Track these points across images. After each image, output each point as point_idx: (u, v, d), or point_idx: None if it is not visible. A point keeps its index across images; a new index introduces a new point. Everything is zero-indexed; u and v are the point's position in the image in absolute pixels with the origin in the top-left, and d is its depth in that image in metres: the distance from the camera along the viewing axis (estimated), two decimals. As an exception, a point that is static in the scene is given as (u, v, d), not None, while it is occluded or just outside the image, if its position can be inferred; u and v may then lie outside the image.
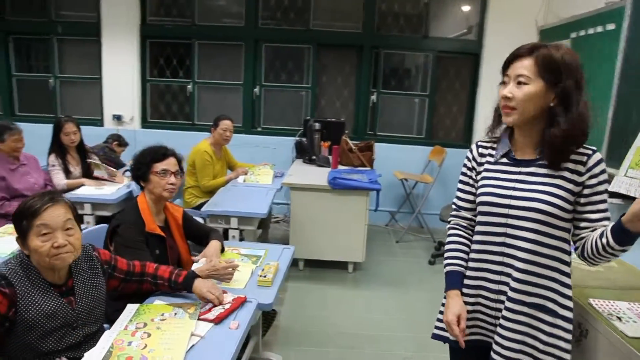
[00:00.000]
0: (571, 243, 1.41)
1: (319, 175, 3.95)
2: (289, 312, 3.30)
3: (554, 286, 1.38)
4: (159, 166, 2.23)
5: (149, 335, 1.58)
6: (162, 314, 1.72)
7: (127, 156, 4.22)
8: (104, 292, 1.78)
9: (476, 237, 1.49)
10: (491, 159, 1.49)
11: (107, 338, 1.57)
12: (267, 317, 2.77)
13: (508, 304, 1.40)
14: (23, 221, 1.54)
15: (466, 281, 1.51)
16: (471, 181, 1.54)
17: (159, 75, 5.57)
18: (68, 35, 5.47)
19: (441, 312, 1.57)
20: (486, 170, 1.49)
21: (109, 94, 5.42)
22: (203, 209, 3.32)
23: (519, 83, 1.34)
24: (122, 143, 4.49)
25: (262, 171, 4.24)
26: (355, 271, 4.02)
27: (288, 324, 3.15)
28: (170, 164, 2.27)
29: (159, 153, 2.27)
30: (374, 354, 2.85)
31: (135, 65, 5.34)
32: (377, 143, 4.88)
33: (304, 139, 4.86)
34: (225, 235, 3.34)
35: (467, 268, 1.52)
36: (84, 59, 5.61)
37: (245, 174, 4.18)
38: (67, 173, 3.75)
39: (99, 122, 5.44)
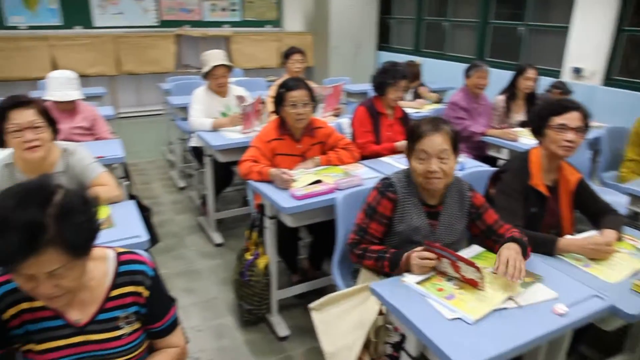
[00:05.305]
0: None
1: None
2: None
3: None
4: (557, 120, 1.98)
5: (469, 279, 1.56)
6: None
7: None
8: (462, 230, 1.87)
9: None
10: None
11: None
12: None
13: None
14: (410, 142, 1.76)
15: None
16: None
17: (640, 25, 4.73)
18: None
19: None
20: None
21: (574, 45, 5.05)
22: (628, 184, 2.78)
23: None
24: (565, 91, 4.18)
25: None
26: None
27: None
28: (571, 118, 1.97)
29: (561, 105, 2.02)
30: None
31: (612, 12, 4.70)
32: None
33: None
34: None
35: None
36: (554, 6, 5.41)
37: None
38: (506, 116, 3.88)
39: (556, 74, 5.21)
